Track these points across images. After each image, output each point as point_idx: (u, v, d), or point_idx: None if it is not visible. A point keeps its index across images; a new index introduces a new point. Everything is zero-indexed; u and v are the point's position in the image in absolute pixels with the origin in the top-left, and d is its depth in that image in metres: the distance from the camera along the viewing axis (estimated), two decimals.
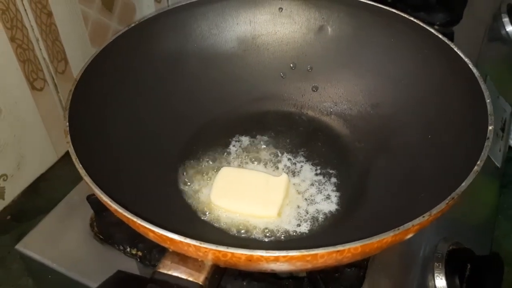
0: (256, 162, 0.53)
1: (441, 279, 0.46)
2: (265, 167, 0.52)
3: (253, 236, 0.45)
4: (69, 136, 0.38)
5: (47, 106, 0.66)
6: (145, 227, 0.31)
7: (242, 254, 0.30)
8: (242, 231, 0.45)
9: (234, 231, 0.46)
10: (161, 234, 0.31)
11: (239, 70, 0.57)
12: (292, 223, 0.46)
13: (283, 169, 0.52)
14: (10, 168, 0.63)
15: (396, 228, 0.31)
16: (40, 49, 0.63)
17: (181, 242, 0.31)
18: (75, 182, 0.55)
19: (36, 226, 0.50)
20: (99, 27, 0.71)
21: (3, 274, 0.58)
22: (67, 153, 0.71)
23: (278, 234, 0.45)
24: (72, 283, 0.45)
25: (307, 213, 0.47)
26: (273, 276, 0.43)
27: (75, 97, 0.42)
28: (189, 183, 0.50)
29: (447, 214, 0.49)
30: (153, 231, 0.31)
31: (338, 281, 0.42)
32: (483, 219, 0.65)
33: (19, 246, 0.48)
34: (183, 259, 0.33)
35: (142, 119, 0.50)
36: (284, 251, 0.30)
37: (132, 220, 0.32)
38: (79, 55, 0.69)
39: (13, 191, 0.65)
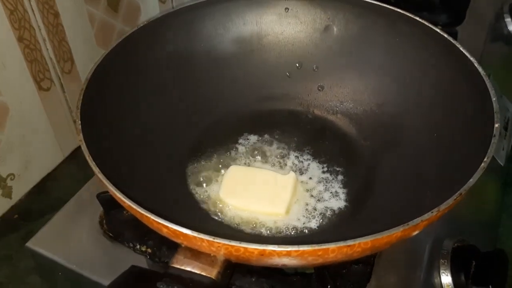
0: (263, 160, 0.53)
1: (447, 275, 0.46)
2: (273, 165, 0.53)
3: (262, 233, 0.46)
4: (81, 134, 0.38)
5: (53, 106, 0.67)
6: (159, 223, 0.32)
7: (255, 248, 0.30)
8: (252, 228, 0.46)
9: (243, 228, 0.46)
10: (175, 230, 0.32)
11: (246, 70, 0.58)
12: (301, 220, 0.47)
13: (290, 167, 0.52)
14: (17, 168, 0.64)
15: (406, 224, 0.32)
16: (47, 49, 0.63)
17: (194, 237, 0.31)
18: (81, 181, 0.56)
19: (46, 224, 0.50)
20: (105, 28, 0.72)
21: (11, 272, 0.59)
22: (72, 153, 0.72)
23: (287, 231, 0.46)
24: (82, 279, 0.45)
25: (316, 210, 0.47)
26: (281, 273, 0.43)
27: (86, 96, 0.42)
28: (198, 181, 0.51)
29: (452, 213, 0.50)
30: (166, 227, 0.32)
31: (346, 277, 0.43)
32: (488, 217, 0.66)
33: (30, 244, 0.48)
34: (195, 254, 0.34)
35: (151, 117, 0.51)
36: (296, 246, 0.30)
37: (146, 216, 0.32)
38: (85, 55, 0.69)
39: (20, 190, 0.66)
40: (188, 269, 0.33)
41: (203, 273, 0.33)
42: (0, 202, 0.63)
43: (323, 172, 0.51)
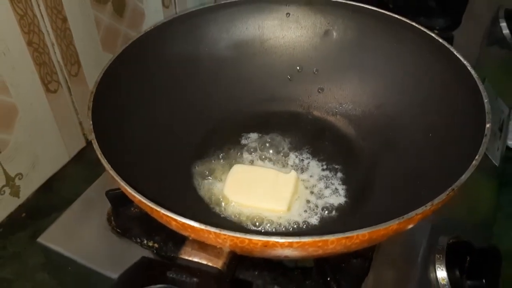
0: (265, 160, 0.55)
1: (442, 270, 0.48)
2: (274, 164, 0.54)
3: (265, 228, 0.47)
4: (93, 133, 0.40)
5: (60, 108, 0.68)
6: (169, 216, 0.33)
7: (259, 240, 0.32)
8: (255, 224, 0.48)
9: (246, 223, 0.48)
10: (183, 223, 0.33)
11: (249, 73, 0.59)
12: (302, 215, 0.48)
13: (291, 166, 0.54)
14: (25, 167, 0.65)
15: (401, 217, 0.34)
16: (55, 53, 0.64)
17: (202, 229, 0.33)
18: (86, 181, 0.57)
19: (56, 221, 0.51)
20: (110, 32, 0.73)
21: (19, 269, 0.60)
22: (78, 153, 0.74)
23: (289, 226, 0.47)
24: (92, 273, 0.47)
25: (317, 207, 0.49)
26: (283, 267, 0.45)
27: (97, 97, 0.44)
28: (202, 179, 0.52)
29: (448, 211, 0.51)
30: (175, 220, 0.33)
31: (345, 271, 0.44)
32: (482, 216, 0.67)
33: (41, 239, 0.49)
34: (202, 246, 0.35)
35: (157, 118, 0.52)
36: (297, 237, 0.32)
37: (156, 210, 0.34)
38: (91, 59, 0.71)
39: (27, 189, 0.67)
40: (196, 260, 0.35)
41: (210, 264, 0.34)
42: (9, 201, 0.64)
43: (323, 169, 0.53)
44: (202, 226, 0.33)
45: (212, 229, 0.33)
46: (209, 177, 0.52)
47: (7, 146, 0.61)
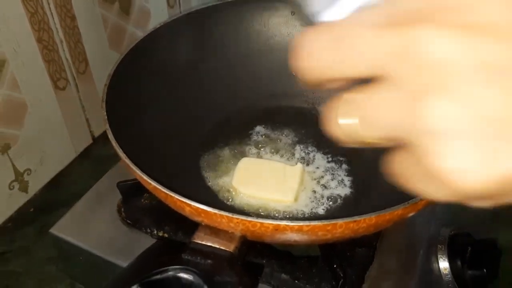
0: (272, 153, 0.56)
1: (444, 260, 0.49)
2: (281, 157, 0.55)
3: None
4: (108, 124, 0.41)
5: (68, 105, 0.69)
6: (183, 202, 0.35)
7: (270, 223, 0.33)
8: (262, 214, 0.49)
9: (255, 213, 0.49)
10: (197, 208, 0.34)
11: (255, 69, 0.60)
12: (309, 206, 0.49)
13: (297, 158, 0.55)
14: (34, 163, 0.66)
15: (406, 202, 0.35)
16: (64, 50, 0.66)
17: (215, 214, 0.34)
18: (92, 177, 0.58)
19: (67, 213, 0.52)
20: (117, 31, 0.74)
21: (27, 262, 0.61)
22: (84, 151, 0.75)
23: (296, 216, 0.48)
24: (102, 262, 0.48)
25: (323, 197, 0.50)
26: (290, 255, 0.46)
27: (110, 90, 0.45)
28: (211, 172, 0.53)
29: (450, 206, 0.52)
30: (189, 205, 0.35)
31: (350, 259, 0.45)
32: (483, 211, 0.68)
33: (53, 230, 0.50)
34: (214, 231, 0.37)
35: (167, 112, 0.53)
36: (307, 221, 0.33)
37: (171, 196, 0.35)
38: (98, 56, 0.72)
39: (36, 185, 0.68)
40: (209, 244, 0.36)
41: (222, 247, 0.36)
42: (17, 196, 0.65)
43: (328, 161, 0.54)
44: (216, 211, 0.34)
45: (225, 214, 0.34)
46: (217, 170, 0.54)
47: (17, 142, 0.62)
